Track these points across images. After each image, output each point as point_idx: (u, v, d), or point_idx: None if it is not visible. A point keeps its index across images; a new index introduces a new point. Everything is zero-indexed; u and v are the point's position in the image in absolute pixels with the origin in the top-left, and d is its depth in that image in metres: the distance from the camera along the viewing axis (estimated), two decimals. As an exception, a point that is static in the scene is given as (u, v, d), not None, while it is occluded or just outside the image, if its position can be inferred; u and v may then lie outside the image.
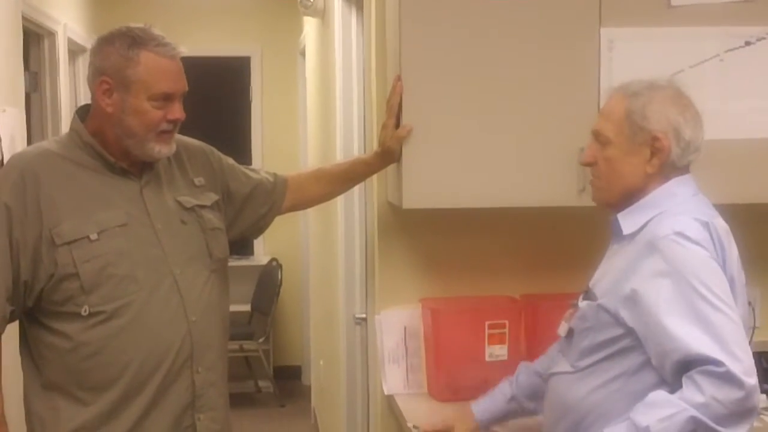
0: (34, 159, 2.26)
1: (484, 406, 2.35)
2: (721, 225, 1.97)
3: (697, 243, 1.88)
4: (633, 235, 2.00)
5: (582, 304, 2.04)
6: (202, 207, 2.40)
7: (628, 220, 2.02)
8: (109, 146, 2.26)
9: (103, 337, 2.20)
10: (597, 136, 2.05)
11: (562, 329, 2.12)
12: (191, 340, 2.28)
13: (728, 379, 1.76)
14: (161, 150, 2.26)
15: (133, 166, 2.29)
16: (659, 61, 2.52)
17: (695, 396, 1.76)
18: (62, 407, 2.23)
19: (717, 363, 1.77)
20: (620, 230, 2.03)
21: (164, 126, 2.24)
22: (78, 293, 2.19)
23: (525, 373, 2.34)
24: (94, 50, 2.27)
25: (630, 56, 2.50)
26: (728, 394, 1.76)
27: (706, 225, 1.92)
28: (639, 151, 2.00)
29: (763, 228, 2.83)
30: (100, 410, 2.22)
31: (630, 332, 1.92)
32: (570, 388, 2.03)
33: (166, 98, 2.23)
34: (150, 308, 2.23)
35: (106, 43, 2.24)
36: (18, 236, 2.17)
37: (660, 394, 1.82)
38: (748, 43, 2.55)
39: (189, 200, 2.38)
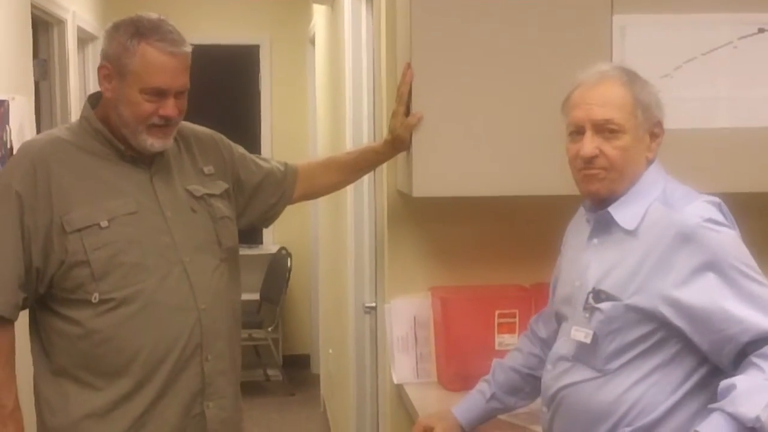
0: (44, 147, 2.26)
1: (464, 406, 2.32)
2: (723, 203, 1.97)
3: (725, 225, 1.89)
4: (636, 228, 1.95)
5: (604, 306, 1.93)
6: (212, 196, 2.39)
7: (623, 214, 1.96)
8: (115, 133, 2.26)
9: (114, 324, 2.20)
10: (605, 125, 1.95)
11: (580, 335, 1.97)
12: (201, 328, 2.28)
13: None
14: (154, 143, 2.24)
15: (143, 154, 2.28)
16: (672, 49, 2.51)
17: None
18: (72, 393, 2.24)
19: None
20: (611, 225, 1.98)
21: (155, 120, 2.22)
22: (88, 280, 2.19)
23: (500, 370, 2.31)
24: (105, 34, 2.27)
25: (642, 43, 2.48)
26: None
27: (719, 205, 1.92)
28: (643, 137, 1.98)
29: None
30: (111, 396, 2.23)
31: (665, 325, 1.88)
32: (598, 393, 1.95)
33: (159, 93, 2.21)
34: (160, 295, 2.23)
35: (114, 29, 2.24)
36: (29, 224, 2.18)
37: (747, 381, 1.76)
38: (761, 30, 2.53)
39: (198, 189, 2.37)
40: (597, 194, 2.01)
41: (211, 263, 2.34)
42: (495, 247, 2.84)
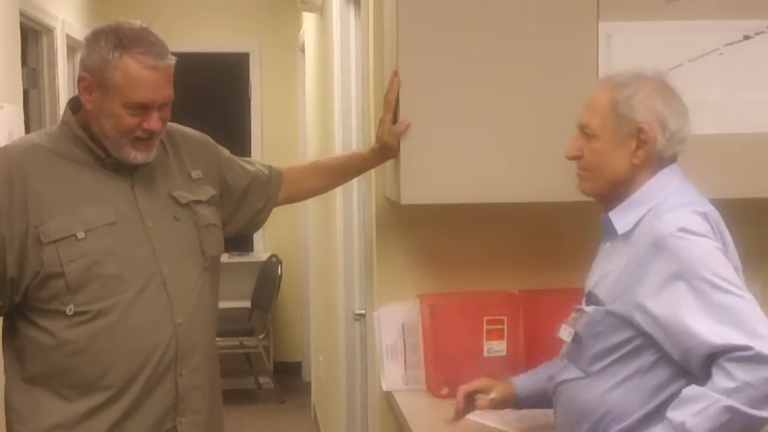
0: (22, 154, 2.21)
1: (525, 379, 2.31)
2: (715, 213, 1.96)
3: (701, 235, 1.87)
4: (628, 233, 1.97)
5: (589, 309, 2.00)
6: (198, 202, 2.36)
7: (620, 219, 2.00)
8: (96, 140, 2.22)
9: (87, 335, 2.17)
10: (583, 128, 2.02)
11: (565, 334, 2.07)
12: (176, 343, 2.24)
13: (758, 360, 1.74)
14: (137, 156, 2.20)
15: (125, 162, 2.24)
16: (658, 56, 2.49)
17: (726, 383, 1.74)
18: (43, 402, 2.20)
19: (744, 348, 1.74)
20: (613, 229, 2.01)
21: (139, 134, 2.18)
22: (64, 292, 2.15)
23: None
24: (85, 42, 2.21)
25: (628, 51, 2.48)
26: (760, 375, 1.73)
27: (705, 215, 1.91)
28: (625, 142, 1.97)
29: (764, 223, 2.82)
30: (82, 408, 2.19)
31: (642, 333, 1.90)
32: (583, 393, 2.00)
33: (143, 107, 2.16)
34: (135, 309, 2.19)
35: (94, 38, 2.17)
36: (4, 232, 2.13)
37: (692, 389, 1.79)
38: (746, 37, 2.54)
39: (184, 195, 2.34)
40: (584, 193, 2.08)
41: (193, 274, 2.30)
42: (483, 254, 2.85)
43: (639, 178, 1.99)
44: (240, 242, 7.08)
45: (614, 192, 2.01)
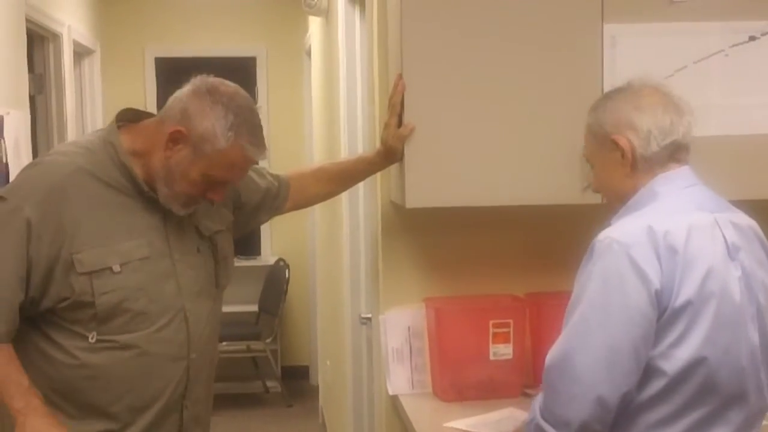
0: (65, 178, 2.13)
1: None
2: (677, 232, 1.84)
3: (618, 246, 1.82)
4: None
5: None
6: (218, 232, 2.35)
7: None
8: (145, 173, 2.18)
9: (106, 363, 2.16)
10: (586, 160, 2.07)
11: None
12: (188, 377, 2.25)
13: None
14: (180, 209, 2.19)
15: None
16: (663, 58, 2.51)
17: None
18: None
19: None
20: None
21: (198, 199, 2.19)
22: (89, 320, 2.13)
23: None
24: (196, 96, 2.12)
25: (633, 53, 2.48)
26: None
27: (651, 231, 1.82)
28: (611, 159, 1.97)
29: (769, 224, 2.81)
30: (84, 429, 2.17)
31: None
32: None
33: (217, 182, 2.16)
34: (156, 345, 2.18)
35: (213, 101, 2.10)
36: (33, 254, 2.09)
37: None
38: (752, 38, 2.53)
39: (208, 226, 2.31)
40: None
41: (207, 307, 2.30)
42: (489, 258, 2.84)
43: (637, 185, 1.96)
44: (247, 246, 7.08)
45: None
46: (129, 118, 2.24)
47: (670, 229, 1.83)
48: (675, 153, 1.95)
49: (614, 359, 1.79)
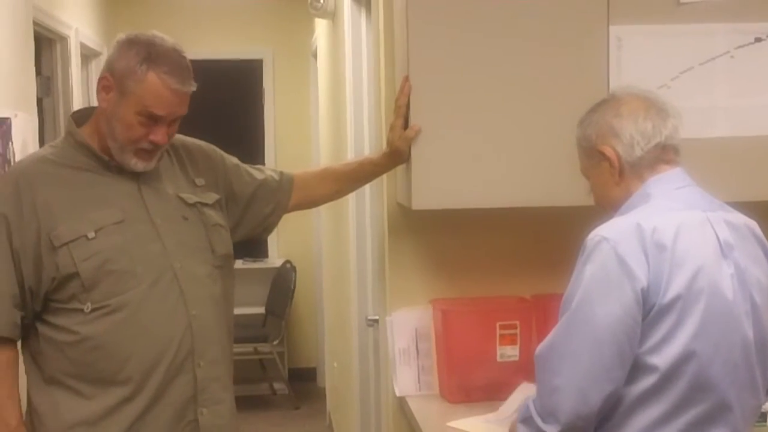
0: (28, 167, 2.30)
1: None
2: (665, 230, 1.85)
3: (604, 245, 1.84)
4: None
5: None
6: (204, 204, 2.41)
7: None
8: (103, 143, 2.29)
9: (104, 331, 2.22)
10: (583, 174, 2.10)
11: None
12: (192, 334, 2.28)
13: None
14: (137, 164, 2.27)
15: None
16: (668, 59, 2.51)
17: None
18: (62, 401, 2.24)
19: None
20: None
21: (144, 144, 2.25)
22: (80, 291, 2.21)
23: None
24: (116, 45, 2.28)
25: (639, 54, 2.49)
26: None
27: (639, 228, 1.84)
28: (601, 169, 2.00)
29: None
30: (102, 404, 2.24)
31: None
32: None
33: (154, 119, 2.23)
34: (149, 302, 2.24)
35: (127, 44, 2.25)
36: (17, 245, 2.21)
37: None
38: (758, 40, 2.53)
39: (191, 197, 2.39)
40: None
41: (204, 269, 2.35)
42: (495, 259, 2.85)
43: (629, 190, 1.98)
44: (254, 249, 7.09)
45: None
46: (89, 114, 2.36)
47: (658, 226, 1.85)
48: (662, 155, 1.97)
49: (596, 354, 1.81)
